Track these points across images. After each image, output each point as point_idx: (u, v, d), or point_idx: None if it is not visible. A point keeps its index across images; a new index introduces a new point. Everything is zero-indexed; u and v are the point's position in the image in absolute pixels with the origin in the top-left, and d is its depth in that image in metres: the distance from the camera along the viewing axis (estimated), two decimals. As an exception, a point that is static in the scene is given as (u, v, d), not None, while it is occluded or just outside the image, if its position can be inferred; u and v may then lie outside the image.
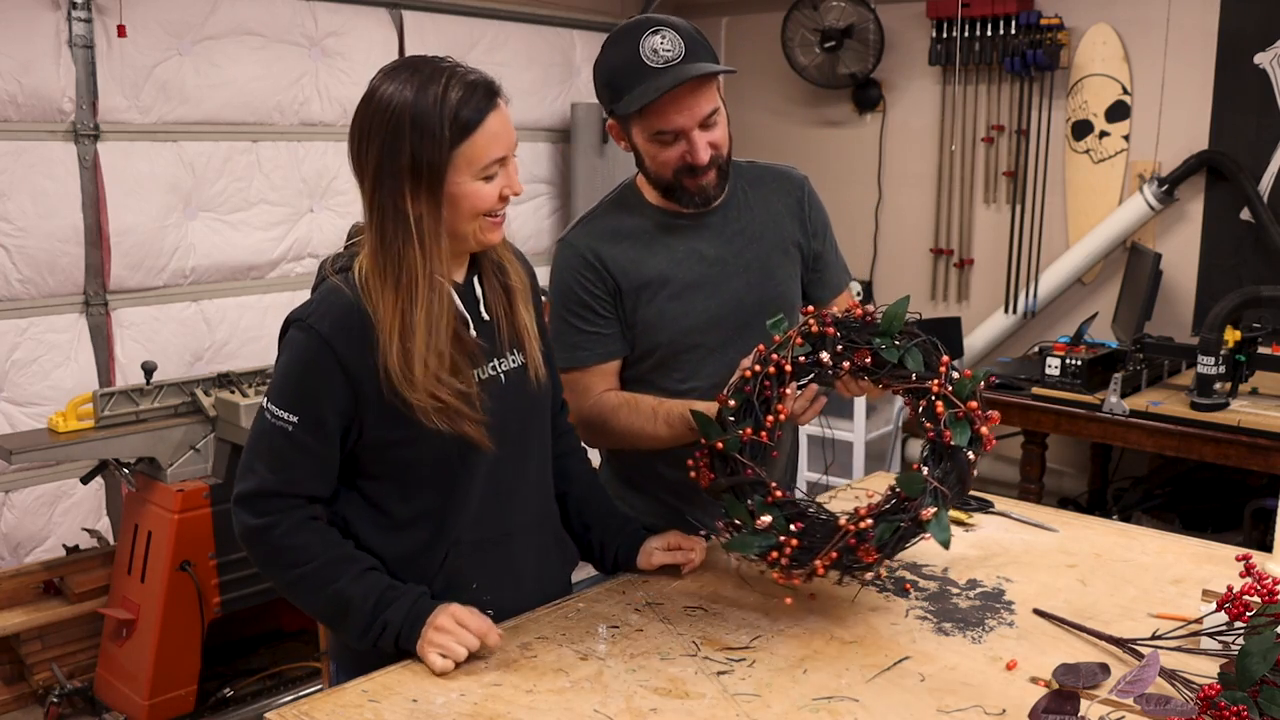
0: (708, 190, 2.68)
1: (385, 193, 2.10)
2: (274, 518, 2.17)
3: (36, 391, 5.19)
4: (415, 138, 2.06)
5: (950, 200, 7.17)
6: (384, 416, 2.16)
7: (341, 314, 2.13)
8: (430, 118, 2.06)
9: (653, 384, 2.80)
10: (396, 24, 6.40)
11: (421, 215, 2.10)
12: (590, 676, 2.11)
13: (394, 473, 2.25)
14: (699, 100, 2.56)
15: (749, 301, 2.79)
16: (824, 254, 2.96)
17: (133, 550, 4.51)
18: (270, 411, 2.16)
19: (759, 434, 2.32)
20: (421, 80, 2.09)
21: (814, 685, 2.07)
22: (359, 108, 2.14)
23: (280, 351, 2.19)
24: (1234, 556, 2.20)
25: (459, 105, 2.08)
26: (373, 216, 2.13)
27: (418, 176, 2.08)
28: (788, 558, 2.21)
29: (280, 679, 4.83)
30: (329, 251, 5.98)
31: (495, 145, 2.13)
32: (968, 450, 2.25)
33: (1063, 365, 5.30)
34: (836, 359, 2.32)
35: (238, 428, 4.32)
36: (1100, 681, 2.03)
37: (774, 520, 2.22)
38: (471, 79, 2.12)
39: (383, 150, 2.08)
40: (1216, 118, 6.08)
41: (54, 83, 5.10)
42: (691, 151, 2.60)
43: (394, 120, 2.07)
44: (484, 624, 2.17)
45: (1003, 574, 2.59)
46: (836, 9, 7.14)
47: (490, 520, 2.33)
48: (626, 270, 2.73)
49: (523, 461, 2.38)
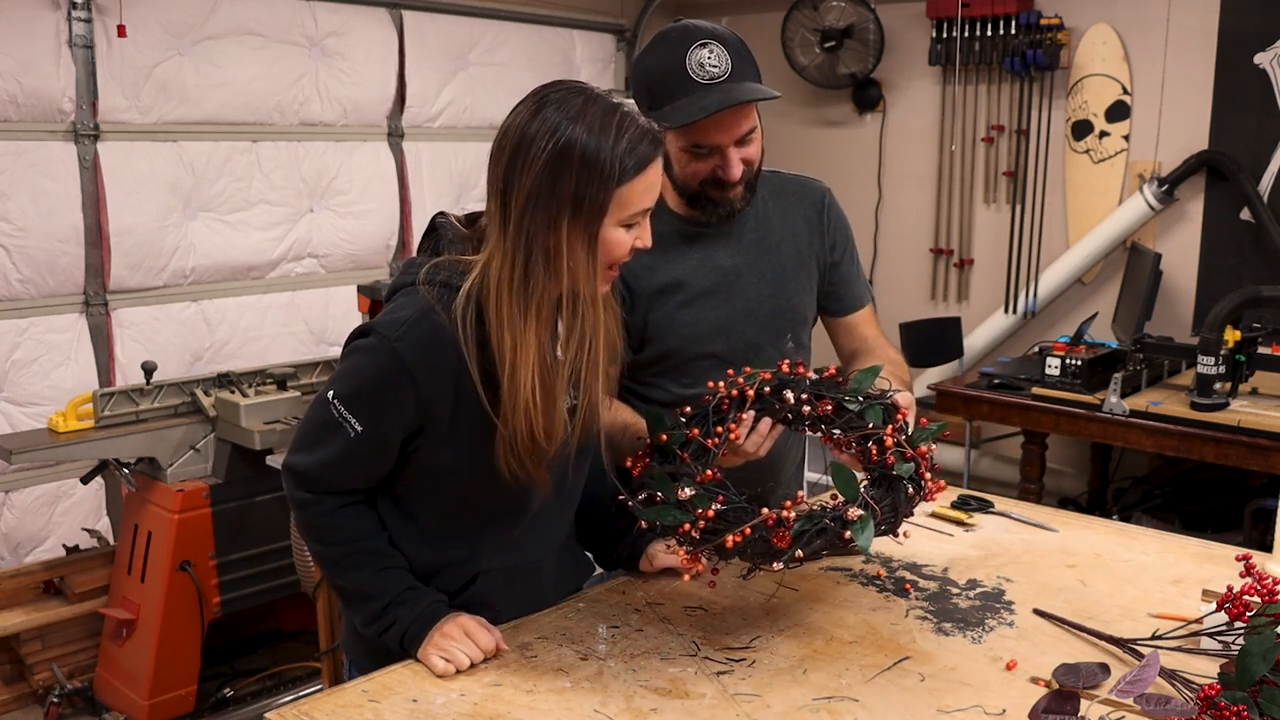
0: (733, 203, 2.67)
1: (536, 220, 2.00)
2: (315, 496, 2.18)
3: (36, 391, 5.18)
4: (583, 170, 1.97)
5: (950, 200, 7.17)
6: (445, 442, 2.13)
7: (432, 342, 2.06)
8: (604, 153, 1.97)
9: (661, 387, 2.81)
10: (396, 24, 6.40)
11: (573, 250, 2.01)
12: (590, 677, 2.10)
13: (434, 490, 2.23)
14: (740, 119, 2.55)
15: (761, 313, 2.79)
16: (841, 267, 2.94)
17: (133, 550, 4.51)
18: (336, 407, 2.11)
19: (706, 439, 2.27)
20: (597, 113, 1.99)
21: (814, 685, 2.06)
22: (518, 122, 2.03)
23: (354, 352, 2.12)
24: (1234, 556, 2.21)
25: (631, 146, 2.00)
26: (516, 239, 2.01)
27: (577, 213, 1.99)
28: (699, 530, 2.13)
29: (280, 679, 4.83)
30: (328, 252, 6.12)
31: (649, 195, 2.07)
32: (907, 483, 2.22)
33: (1063, 365, 5.30)
34: (799, 402, 2.28)
35: (238, 428, 4.32)
36: (1100, 681, 2.02)
37: (696, 495, 2.15)
38: (643, 124, 2.04)
39: (544, 175, 1.97)
40: (1216, 118, 6.09)
41: (54, 83, 5.09)
42: (725, 167, 2.59)
43: (564, 147, 1.97)
44: (492, 640, 2.17)
45: (1003, 574, 2.58)
46: (836, 9, 7.14)
47: (525, 549, 2.33)
48: (639, 275, 2.72)
49: (566, 496, 2.36)
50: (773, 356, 2.78)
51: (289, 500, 2.22)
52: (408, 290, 2.14)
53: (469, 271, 2.09)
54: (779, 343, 2.84)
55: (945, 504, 2.97)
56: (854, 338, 2.99)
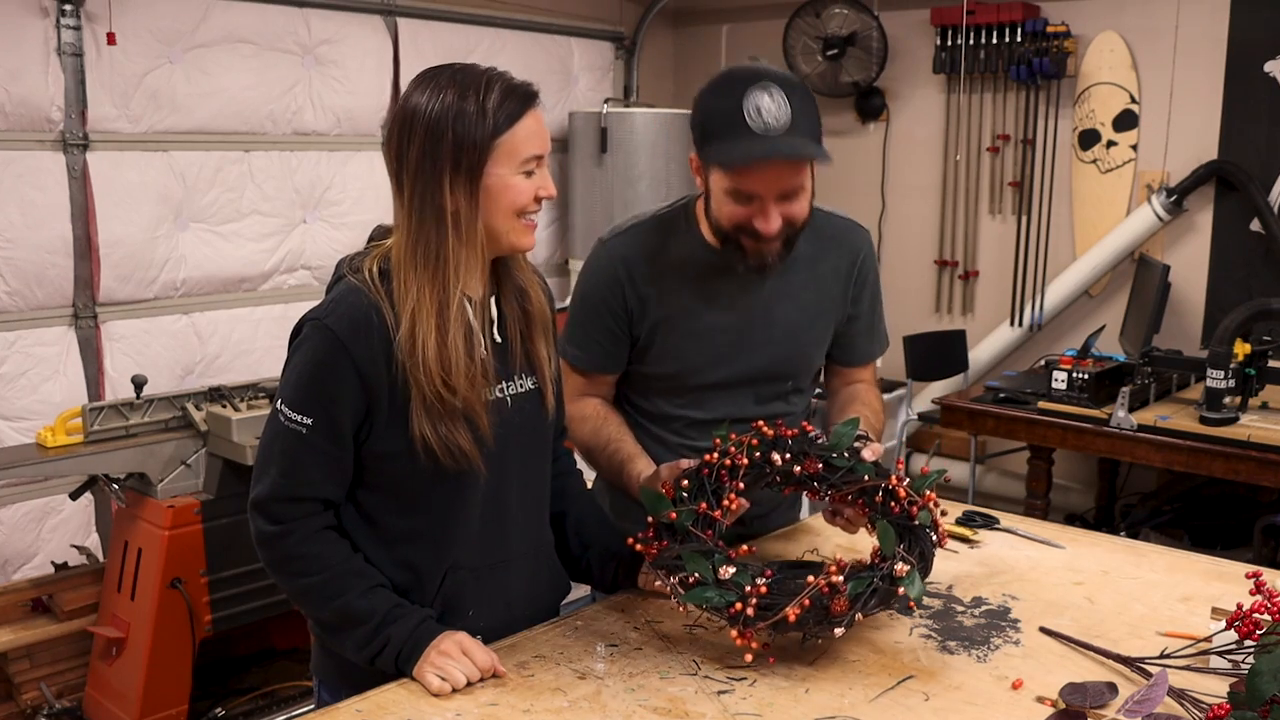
0: (765, 258, 2.59)
1: (424, 184, 2.12)
2: (288, 525, 2.17)
3: (25, 405, 5.16)
4: (459, 126, 2.09)
5: (955, 211, 7.16)
6: (390, 425, 2.16)
7: (359, 314, 2.13)
8: (473, 110, 2.10)
9: (656, 405, 2.84)
10: (391, 31, 6.38)
11: (460, 208, 2.12)
12: (588, 696, 2.09)
13: (389, 486, 2.24)
14: (787, 174, 2.48)
15: (767, 356, 2.77)
16: (860, 322, 2.91)
17: (122, 567, 4.47)
18: (284, 414, 2.16)
19: (713, 511, 2.30)
20: (465, 79, 2.14)
21: (816, 705, 2.05)
22: (400, 107, 2.17)
23: (293, 351, 2.19)
24: (1244, 574, 2.26)
25: (502, 99, 2.12)
26: (410, 207, 2.14)
27: (457, 166, 2.10)
28: (754, 608, 2.13)
29: (273, 698, 4.79)
30: (322, 263, 6.08)
31: (534, 141, 2.17)
32: (928, 530, 2.28)
33: (1069, 379, 5.30)
34: (787, 463, 2.35)
35: (229, 443, 4.28)
36: (1108, 701, 2.02)
37: (738, 573, 2.17)
38: (512, 81, 2.17)
39: (425, 141, 2.11)
40: (1226, 127, 6.08)
41: (42, 91, 5.07)
42: (763, 220, 2.51)
43: (438, 113, 2.10)
44: (489, 660, 2.16)
45: (1008, 591, 2.58)
46: (839, 16, 7.13)
47: (490, 547, 2.32)
48: (650, 298, 2.71)
49: (524, 488, 2.37)
50: (767, 396, 2.80)
51: (259, 543, 2.23)
52: (336, 285, 2.25)
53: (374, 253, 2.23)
54: (779, 386, 2.84)
55: (950, 520, 2.97)
56: (844, 380, 3.02)
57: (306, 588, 2.19)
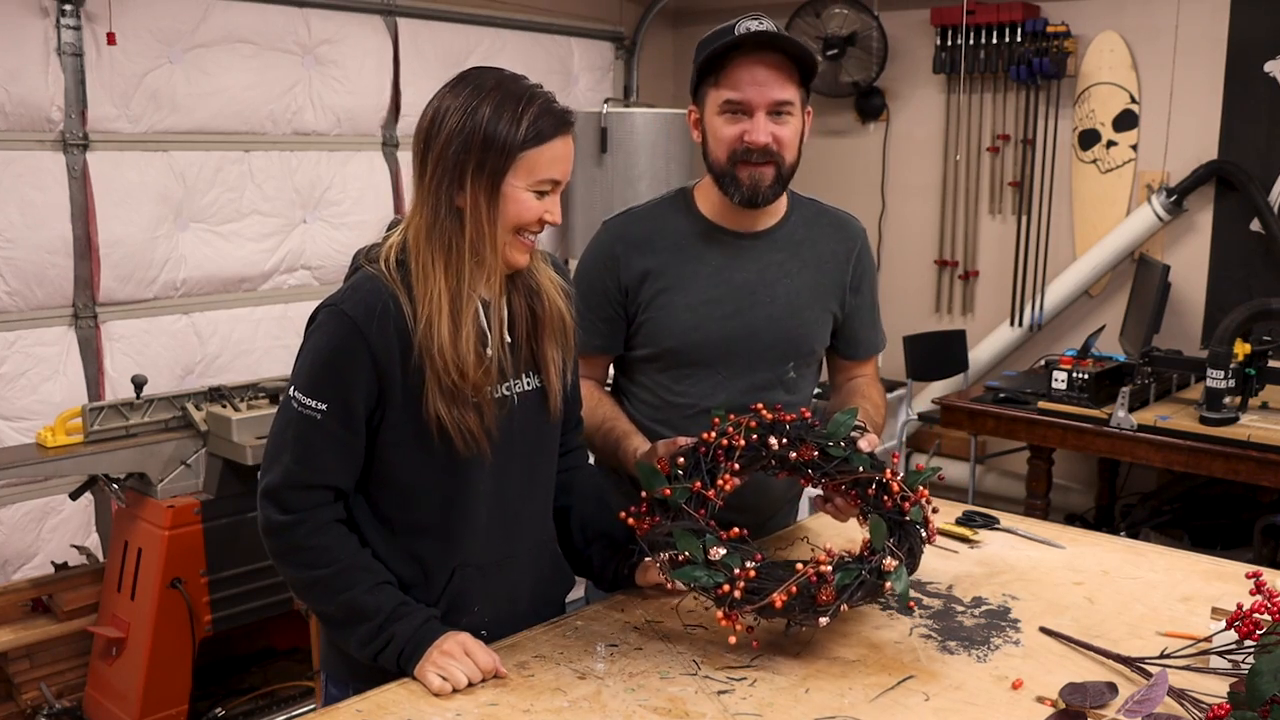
0: (760, 184, 2.65)
1: (445, 175, 2.15)
2: (300, 514, 2.18)
3: (25, 405, 5.14)
4: (491, 128, 2.12)
5: (955, 211, 7.16)
6: (402, 413, 2.18)
7: (375, 301, 2.15)
8: (510, 117, 2.13)
9: (649, 389, 2.84)
10: (391, 31, 6.36)
11: (478, 204, 2.14)
12: (588, 696, 2.09)
13: (398, 479, 2.25)
14: (773, 80, 2.58)
15: (766, 335, 2.78)
16: (857, 311, 2.93)
17: (122, 567, 4.47)
18: (297, 400, 2.17)
19: (707, 491, 2.32)
20: (510, 87, 2.18)
21: (816, 705, 2.05)
22: (441, 94, 2.20)
23: (308, 337, 2.20)
24: (1244, 574, 2.27)
25: (538, 115, 2.16)
26: (427, 192, 2.17)
27: (481, 167, 2.13)
28: (741, 590, 2.14)
29: (273, 698, 4.79)
30: (322, 263, 6.08)
31: (556, 166, 2.21)
32: (919, 526, 2.31)
33: (1069, 379, 5.30)
34: (783, 448, 2.39)
35: (229, 443, 4.28)
36: (1108, 701, 2.02)
37: (728, 554, 2.18)
38: (554, 103, 2.22)
39: (456, 134, 2.13)
40: (1226, 127, 6.07)
41: (42, 91, 5.06)
42: (751, 129, 2.59)
43: (476, 110, 2.13)
44: (492, 661, 2.16)
45: (1008, 591, 2.58)
46: (839, 16, 7.12)
47: (496, 543, 2.33)
48: (648, 272, 2.74)
49: (529, 486, 2.39)
50: (769, 381, 2.78)
51: (267, 532, 2.23)
52: (353, 274, 2.27)
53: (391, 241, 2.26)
54: (779, 369, 2.83)
55: (950, 520, 2.97)
56: (848, 374, 3.05)
57: (313, 580, 2.20)
